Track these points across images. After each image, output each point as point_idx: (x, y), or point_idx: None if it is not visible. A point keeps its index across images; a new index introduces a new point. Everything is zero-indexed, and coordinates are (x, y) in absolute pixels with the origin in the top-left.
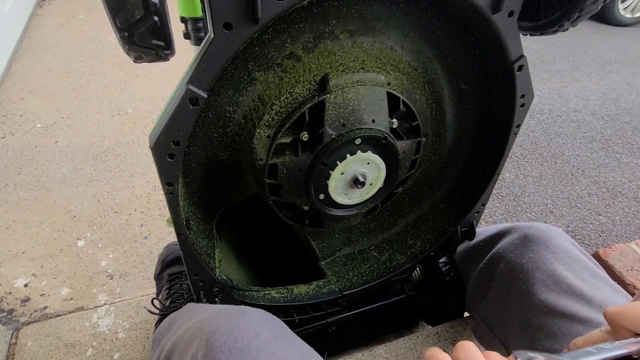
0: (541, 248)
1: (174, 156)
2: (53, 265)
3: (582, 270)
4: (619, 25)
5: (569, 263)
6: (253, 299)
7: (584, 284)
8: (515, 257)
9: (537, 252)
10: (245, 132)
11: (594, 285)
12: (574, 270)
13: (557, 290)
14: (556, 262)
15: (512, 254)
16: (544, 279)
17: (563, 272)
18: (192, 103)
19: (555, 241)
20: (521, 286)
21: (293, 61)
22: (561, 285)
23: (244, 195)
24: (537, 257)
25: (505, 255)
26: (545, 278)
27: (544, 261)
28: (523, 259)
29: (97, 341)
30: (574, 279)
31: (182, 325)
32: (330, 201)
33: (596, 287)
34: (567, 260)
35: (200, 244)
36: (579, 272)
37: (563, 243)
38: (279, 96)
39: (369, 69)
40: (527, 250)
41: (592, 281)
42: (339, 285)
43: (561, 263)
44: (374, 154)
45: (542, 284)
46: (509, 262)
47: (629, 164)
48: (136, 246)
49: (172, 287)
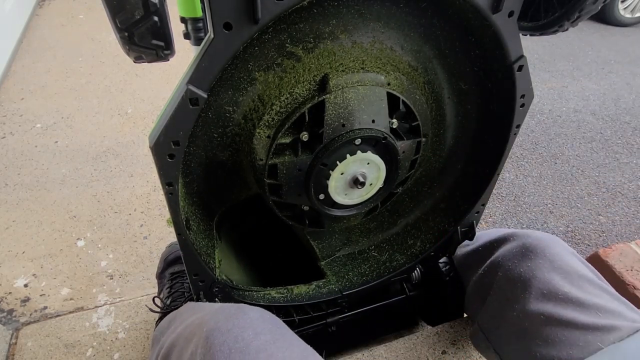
0: (538, 257)
1: (173, 156)
2: (53, 265)
3: (579, 279)
4: (619, 25)
5: (567, 272)
6: (253, 299)
7: (580, 291)
8: (514, 265)
9: (535, 262)
10: (245, 132)
11: (592, 293)
12: (571, 280)
13: (553, 299)
14: (553, 272)
15: (510, 262)
16: (541, 288)
17: (560, 281)
18: (192, 103)
19: (553, 250)
20: (519, 295)
21: (293, 61)
22: (557, 294)
23: (244, 196)
24: (535, 266)
25: (504, 264)
26: (542, 287)
27: (542, 270)
28: (521, 268)
29: (97, 341)
30: (570, 288)
31: (182, 322)
32: (330, 201)
33: (594, 294)
34: (565, 269)
35: (200, 244)
36: (576, 280)
37: (561, 252)
38: (279, 96)
39: (369, 69)
40: (525, 259)
41: (590, 289)
42: (339, 285)
43: (558, 272)
44: (374, 154)
45: (539, 293)
46: (507, 271)
47: (629, 164)
48: (136, 246)
49: (174, 286)
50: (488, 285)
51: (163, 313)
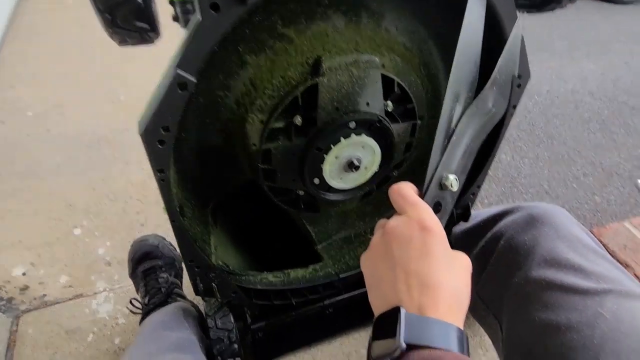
0: (545, 226)
1: (164, 142)
2: (51, 253)
3: (582, 248)
4: (619, 3)
5: (571, 240)
6: (250, 284)
7: (582, 259)
8: (517, 234)
9: (540, 230)
10: (238, 118)
11: (594, 261)
12: (574, 248)
13: (556, 265)
14: (558, 240)
15: (513, 231)
16: (544, 255)
17: (564, 249)
18: (181, 88)
19: (559, 219)
20: (521, 262)
21: (285, 43)
22: (560, 261)
23: (238, 182)
24: (539, 234)
25: (507, 233)
26: (545, 254)
27: (546, 238)
28: (525, 237)
29: (98, 327)
30: (573, 255)
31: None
32: (325, 185)
33: (596, 262)
34: (569, 238)
35: (194, 230)
36: (580, 249)
37: (566, 222)
38: (271, 80)
39: (362, 51)
40: (531, 228)
41: (592, 257)
42: (336, 268)
43: (562, 241)
44: (369, 137)
45: (542, 259)
46: (510, 239)
47: (625, 144)
48: (133, 233)
49: (149, 283)
50: (488, 255)
51: (144, 313)
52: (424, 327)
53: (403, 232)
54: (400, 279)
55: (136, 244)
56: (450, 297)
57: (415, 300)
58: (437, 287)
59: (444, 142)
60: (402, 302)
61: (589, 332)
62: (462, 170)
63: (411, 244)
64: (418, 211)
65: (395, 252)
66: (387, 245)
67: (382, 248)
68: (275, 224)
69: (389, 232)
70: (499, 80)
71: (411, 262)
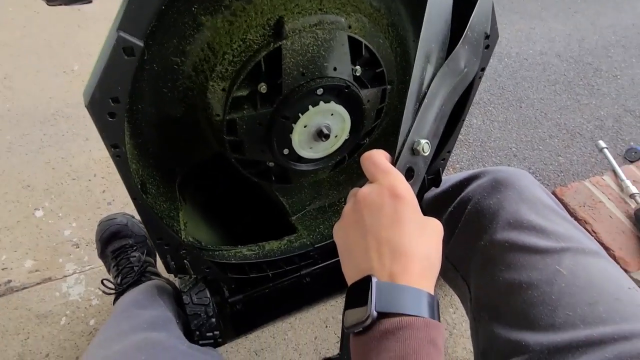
0: (508, 189)
1: (115, 115)
2: (12, 238)
3: (543, 208)
4: None
5: (533, 202)
6: (224, 258)
7: (543, 220)
8: (483, 198)
9: (504, 194)
10: (198, 86)
11: (554, 221)
12: (536, 210)
13: (518, 227)
14: (521, 202)
15: (480, 195)
16: (508, 218)
17: (526, 211)
18: (127, 53)
19: (522, 182)
20: (487, 225)
21: (243, 3)
22: (522, 222)
23: (205, 155)
24: (504, 197)
25: (474, 198)
26: (508, 217)
27: (510, 201)
28: (490, 200)
29: (70, 309)
30: (534, 217)
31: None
32: (295, 156)
33: (556, 222)
34: (532, 200)
35: (160, 207)
36: (541, 210)
37: (529, 184)
38: (231, 44)
39: (327, 11)
40: (495, 192)
41: (552, 217)
42: (311, 238)
43: (525, 203)
44: (338, 104)
45: (505, 222)
46: (476, 203)
47: (589, 105)
48: (100, 212)
49: (120, 263)
50: (457, 219)
51: (117, 293)
52: (394, 295)
53: (374, 200)
54: (371, 247)
55: (103, 223)
56: (421, 264)
57: (387, 267)
58: (408, 254)
59: (415, 106)
60: (373, 270)
61: (547, 288)
62: (434, 134)
63: (382, 211)
64: (389, 178)
65: (367, 221)
66: (359, 213)
67: (353, 217)
68: (248, 198)
69: (360, 201)
70: (470, 38)
71: (382, 230)
